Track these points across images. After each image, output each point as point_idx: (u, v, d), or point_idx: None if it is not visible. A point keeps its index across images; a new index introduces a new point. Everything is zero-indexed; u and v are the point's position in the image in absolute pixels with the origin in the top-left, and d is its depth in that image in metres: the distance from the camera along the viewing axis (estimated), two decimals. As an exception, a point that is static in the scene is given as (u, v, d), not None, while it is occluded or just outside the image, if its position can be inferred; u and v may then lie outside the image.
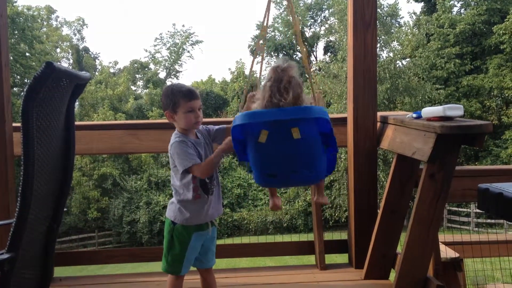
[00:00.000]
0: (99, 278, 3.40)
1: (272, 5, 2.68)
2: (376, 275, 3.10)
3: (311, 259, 3.63)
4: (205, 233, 2.43)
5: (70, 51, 38.75)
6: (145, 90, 36.65)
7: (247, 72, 33.99)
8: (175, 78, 41.46)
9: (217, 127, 2.54)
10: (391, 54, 24.83)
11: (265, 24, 2.68)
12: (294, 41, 34.00)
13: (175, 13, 68.87)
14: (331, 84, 23.81)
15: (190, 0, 72.02)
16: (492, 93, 26.14)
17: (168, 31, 48.75)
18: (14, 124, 3.19)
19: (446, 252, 3.78)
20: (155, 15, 71.11)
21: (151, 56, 40.95)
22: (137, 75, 39.70)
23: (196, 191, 2.35)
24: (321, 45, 38.34)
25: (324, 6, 38.12)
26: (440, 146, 2.40)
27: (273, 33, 37.32)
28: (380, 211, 3.04)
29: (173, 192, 2.44)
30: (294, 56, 34.92)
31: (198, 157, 2.34)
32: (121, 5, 71.18)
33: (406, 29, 30.39)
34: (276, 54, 37.04)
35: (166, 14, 70.46)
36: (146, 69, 39.94)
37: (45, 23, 38.30)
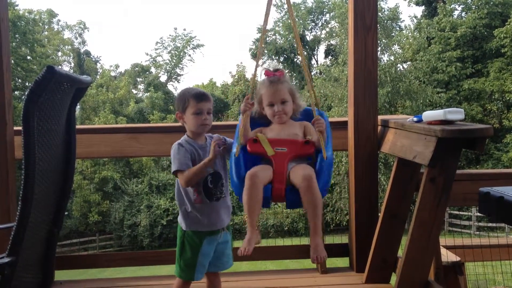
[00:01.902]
0: (100, 282, 3.39)
1: (273, 8, 2.67)
2: (377, 279, 3.09)
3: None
4: (216, 238, 2.37)
5: (72, 55, 38.81)
6: (146, 94, 36.71)
7: (247, 75, 34.04)
8: (176, 81, 41.60)
9: (230, 140, 2.46)
10: (392, 58, 24.88)
11: (265, 27, 2.66)
12: (295, 45, 34.02)
13: (176, 17, 69.02)
14: (332, 87, 23.85)
15: (191, 4, 72.20)
16: (493, 97, 26.17)
17: (170, 35, 48.86)
18: (15, 128, 3.19)
19: (447, 256, 3.77)
20: (156, 19, 71.34)
21: (152, 59, 41.08)
22: (138, 79, 39.78)
23: (198, 195, 2.30)
24: (322, 48, 38.44)
25: (325, 10, 38.18)
26: (441, 150, 2.40)
27: (274, 37, 37.37)
28: (381, 215, 3.03)
29: (175, 198, 2.41)
30: (295, 59, 34.95)
31: (196, 161, 2.29)
32: (122, 8, 71.42)
33: (407, 32, 30.46)
34: (277, 58, 37.07)
35: (167, 17, 70.68)
36: (147, 72, 40.01)
37: (46, 26, 38.39)
